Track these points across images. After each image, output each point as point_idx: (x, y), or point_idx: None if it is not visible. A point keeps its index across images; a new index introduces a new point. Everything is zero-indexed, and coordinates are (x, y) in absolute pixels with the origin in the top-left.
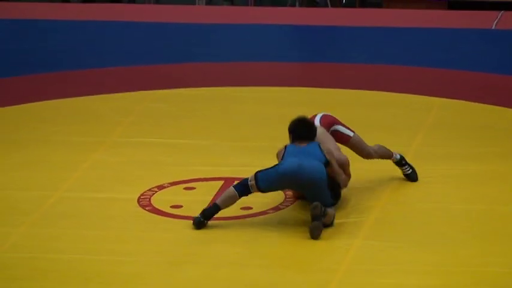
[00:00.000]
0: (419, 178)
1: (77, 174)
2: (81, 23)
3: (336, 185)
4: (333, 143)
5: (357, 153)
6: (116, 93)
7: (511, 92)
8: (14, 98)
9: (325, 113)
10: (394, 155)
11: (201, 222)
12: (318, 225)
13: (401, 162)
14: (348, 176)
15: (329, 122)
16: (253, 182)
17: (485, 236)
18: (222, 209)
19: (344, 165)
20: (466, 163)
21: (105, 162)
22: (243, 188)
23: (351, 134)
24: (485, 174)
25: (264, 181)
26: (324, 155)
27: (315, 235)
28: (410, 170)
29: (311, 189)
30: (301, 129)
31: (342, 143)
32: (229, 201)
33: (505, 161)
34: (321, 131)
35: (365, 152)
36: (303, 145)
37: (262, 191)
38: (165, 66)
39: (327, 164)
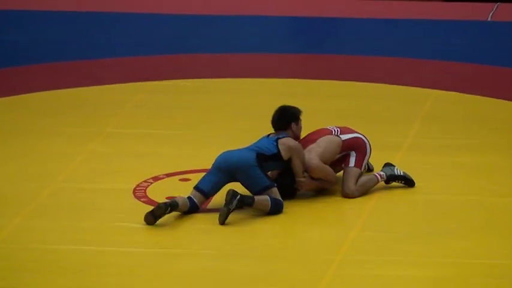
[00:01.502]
0: (415, 169)
1: (72, 166)
2: (75, 14)
3: (290, 178)
4: (321, 150)
5: (342, 184)
6: (111, 85)
7: (506, 84)
8: (8, 89)
9: (359, 136)
10: (380, 178)
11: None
12: (223, 211)
13: (389, 181)
14: (324, 180)
15: (349, 145)
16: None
17: (480, 228)
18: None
19: (309, 169)
20: (461, 155)
21: (101, 153)
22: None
23: (352, 164)
24: (480, 166)
25: (203, 180)
26: (276, 147)
27: (219, 220)
28: (402, 182)
29: (239, 175)
30: (272, 119)
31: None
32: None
33: (500, 153)
34: (328, 138)
35: (344, 190)
36: (271, 135)
37: (206, 194)
38: (160, 57)
39: (275, 155)
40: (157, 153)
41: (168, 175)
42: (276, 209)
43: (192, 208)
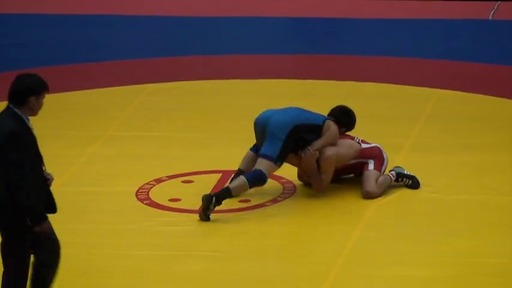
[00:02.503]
0: (418, 168)
1: (74, 169)
2: (76, 17)
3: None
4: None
5: (362, 185)
6: (112, 87)
7: (508, 83)
8: (3, 93)
9: (377, 146)
10: (392, 178)
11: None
12: (202, 217)
13: (398, 179)
14: (322, 176)
15: (366, 154)
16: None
17: (483, 227)
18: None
19: (322, 156)
20: (464, 154)
21: (102, 156)
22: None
23: (372, 168)
24: (482, 164)
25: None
26: (323, 121)
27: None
28: (410, 181)
29: (265, 136)
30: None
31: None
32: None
33: (502, 152)
34: (349, 143)
35: (365, 189)
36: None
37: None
38: (161, 59)
39: (318, 127)
40: (159, 155)
41: (170, 177)
42: (255, 182)
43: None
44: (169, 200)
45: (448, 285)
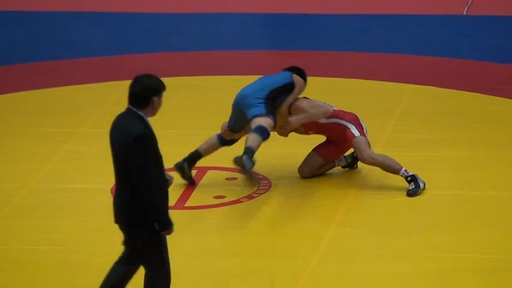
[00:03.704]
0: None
1: (50, 166)
2: (52, 14)
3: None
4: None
5: (358, 155)
6: (87, 84)
7: (482, 78)
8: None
9: (354, 113)
10: (401, 172)
11: (182, 166)
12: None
13: (408, 179)
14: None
15: (339, 114)
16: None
17: (460, 222)
18: (203, 156)
19: (294, 108)
20: (438, 149)
21: (78, 153)
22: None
23: (357, 134)
24: (457, 160)
25: (230, 120)
26: (290, 77)
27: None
28: (413, 187)
29: (244, 113)
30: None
31: (344, 140)
32: (211, 149)
33: (477, 147)
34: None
35: (364, 156)
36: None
37: (233, 130)
38: (137, 56)
39: (289, 84)
40: None
41: None
42: (264, 134)
43: (221, 141)
44: None
45: (426, 280)
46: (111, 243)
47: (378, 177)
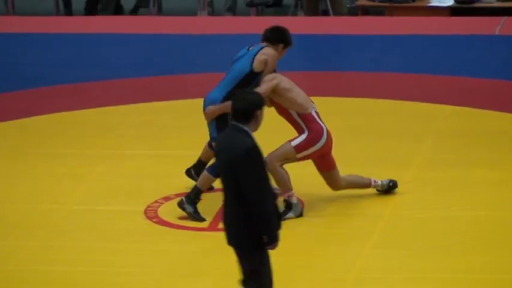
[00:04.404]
0: (428, 185)
1: (83, 187)
2: (80, 36)
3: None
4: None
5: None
6: (118, 106)
7: None
8: (15, 112)
9: (323, 127)
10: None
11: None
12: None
13: (284, 203)
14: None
15: (309, 126)
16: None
17: (493, 243)
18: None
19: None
20: (474, 169)
21: (110, 174)
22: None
23: (294, 143)
24: (492, 180)
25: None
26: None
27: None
28: (284, 210)
29: None
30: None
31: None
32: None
33: None
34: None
35: (271, 157)
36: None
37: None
38: (167, 77)
39: (250, 74)
40: (167, 173)
41: (179, 195)
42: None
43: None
44: (178, 218)
45: None
46: (147, 264)
47: (412, 197)
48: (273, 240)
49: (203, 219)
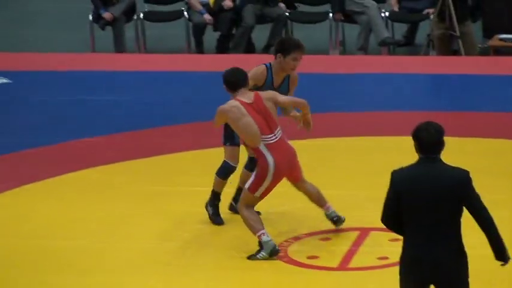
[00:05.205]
0: None
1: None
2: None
3: None
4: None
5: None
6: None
7: None
8: (150, 149)
9: (268, 160)
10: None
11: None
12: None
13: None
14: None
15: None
16: None
17: None
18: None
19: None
20: None
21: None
22: None
23: (247, 186)
24: None
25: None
26: None
27: None
28: (258, 250)
29: None
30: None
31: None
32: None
33: None
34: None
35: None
36: None
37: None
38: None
39: None
40: (296, 213)
41: (309, 234)
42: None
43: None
44: (307, 258)
45: None
46: None
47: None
48: (507, 259)
49: (221, 222)
